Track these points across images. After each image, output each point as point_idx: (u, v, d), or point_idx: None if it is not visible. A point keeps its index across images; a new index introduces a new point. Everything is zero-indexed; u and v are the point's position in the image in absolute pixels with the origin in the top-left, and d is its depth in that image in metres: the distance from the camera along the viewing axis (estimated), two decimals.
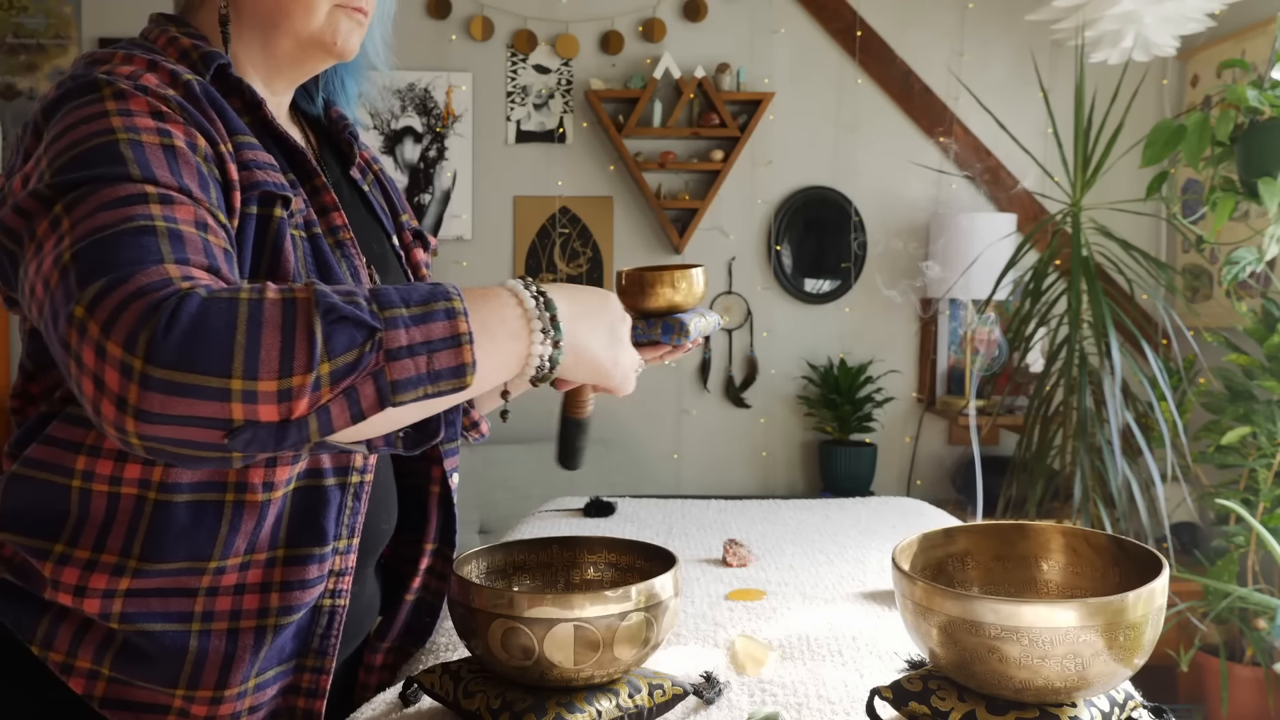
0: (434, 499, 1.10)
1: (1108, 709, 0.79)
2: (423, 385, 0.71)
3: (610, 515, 1.64)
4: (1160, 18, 2.64)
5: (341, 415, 0.69)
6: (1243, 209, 2.97)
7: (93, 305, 0.68)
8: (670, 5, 3.52)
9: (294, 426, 0.68)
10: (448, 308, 0.72)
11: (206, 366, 0.66)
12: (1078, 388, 2.75)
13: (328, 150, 1.08)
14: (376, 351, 0.69)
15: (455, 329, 0.72)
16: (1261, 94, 2.38)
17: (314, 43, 0.96)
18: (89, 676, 0.86)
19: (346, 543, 0.94)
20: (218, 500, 0.86)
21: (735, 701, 0.91)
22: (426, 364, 0.70)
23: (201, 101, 0.87)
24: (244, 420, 0.67)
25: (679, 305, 1.14)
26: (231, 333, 0.67)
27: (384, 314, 0.70)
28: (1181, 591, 2.75)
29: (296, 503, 0.90)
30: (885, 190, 3.60)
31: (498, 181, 3.54)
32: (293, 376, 0.67)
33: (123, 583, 0.85)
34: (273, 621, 0.89)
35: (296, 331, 0.67)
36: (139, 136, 0.79)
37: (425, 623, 1.12)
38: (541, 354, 0.78)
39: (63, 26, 3.42)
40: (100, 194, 0.75)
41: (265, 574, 0.89)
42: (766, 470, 3.63)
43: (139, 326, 0.66)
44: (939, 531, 0.90)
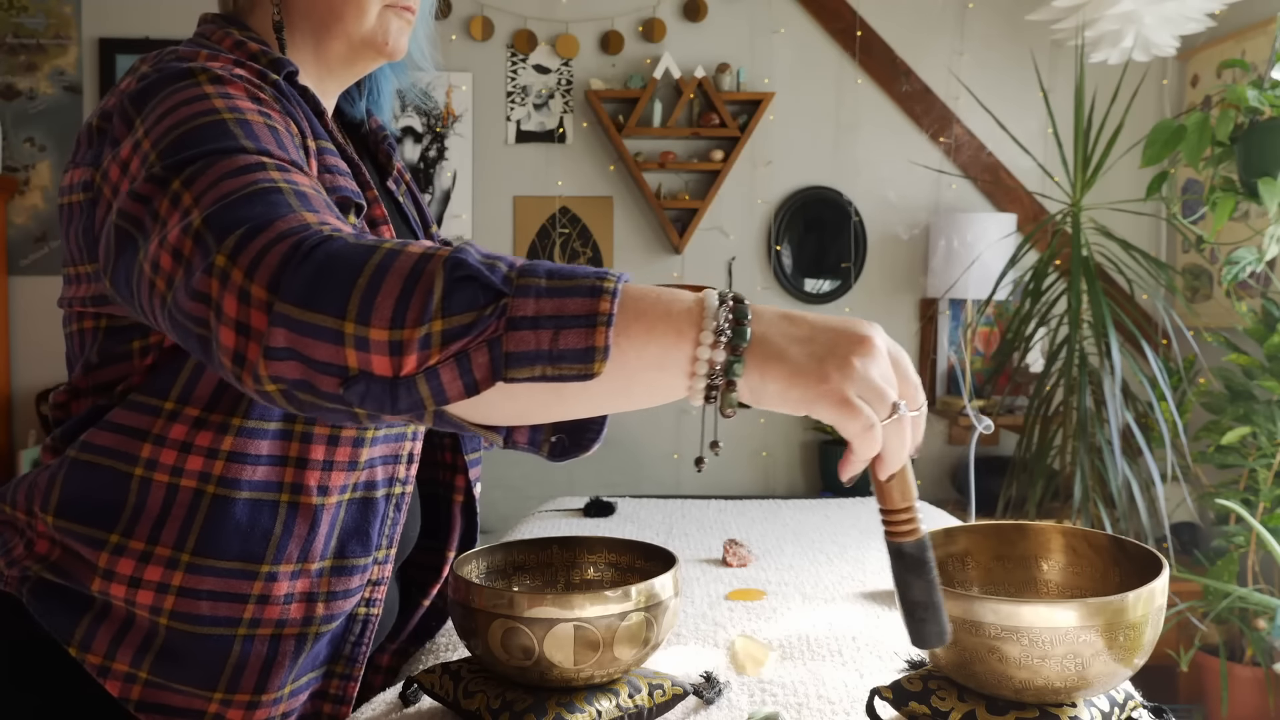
0: (457, 507, 1.10)
1: (1108, 709, 0.79)
2: (540, 364, 0.62)
3: (610, 515, 1.64)
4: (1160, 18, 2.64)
5: (454, 383, 0.62)
6: (1243, 209, 2.97)
7: (235, 252, 0.67)
8: (670, 5, 3.52)
9: (404, 387, 0.63)
10: (594, 285, 0.63)
11: (325, 305, 0.63)
12: (1078, 388, 2.75)
13: (366, 160, 1.09)
14: (498, 318, 0.62)
15: (593, 307, 0.62)
16: (1261, 94, 2.38)
17: (366, 44, 0.97)
18: (125, 679, 0.86)
19: (385, 552, 0.95)
20: (274, 500, 0.87)
21: (735, 701, 0.91)
22: (550, 340, 0.61)
23: (289, 100, 0.89)
24: (359, 370, 0.63)
25: None
26: (355, 275, 0.63)
27: (519, 280, 0.63)
28: (1181, 591, 2.75)
29: (350, 514, 0.91)
30: (885, 190, 3.60)
31: (498, 181, 3.54)
32: (404, 328, 0.62)
33: (176, 577, 0.85)
34: (314, 630, 0.90)
35: (419, 283, 0.63)
36: (244, 115, 0.80)
37: (432, 626, 1.13)
38: (711, 359, 0.63)
39: (63, 26, 3.42)
40: (218, 166, 0.74)
41: (314, 584, 0.90)
42: (766, 470, 3.63)
43: (281, 265, 0.65)
44: (939, 531, 0.90)
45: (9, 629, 0.88)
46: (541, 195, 3.54)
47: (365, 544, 0.92)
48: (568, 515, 1.65)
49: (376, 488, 0.93)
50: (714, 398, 0.64)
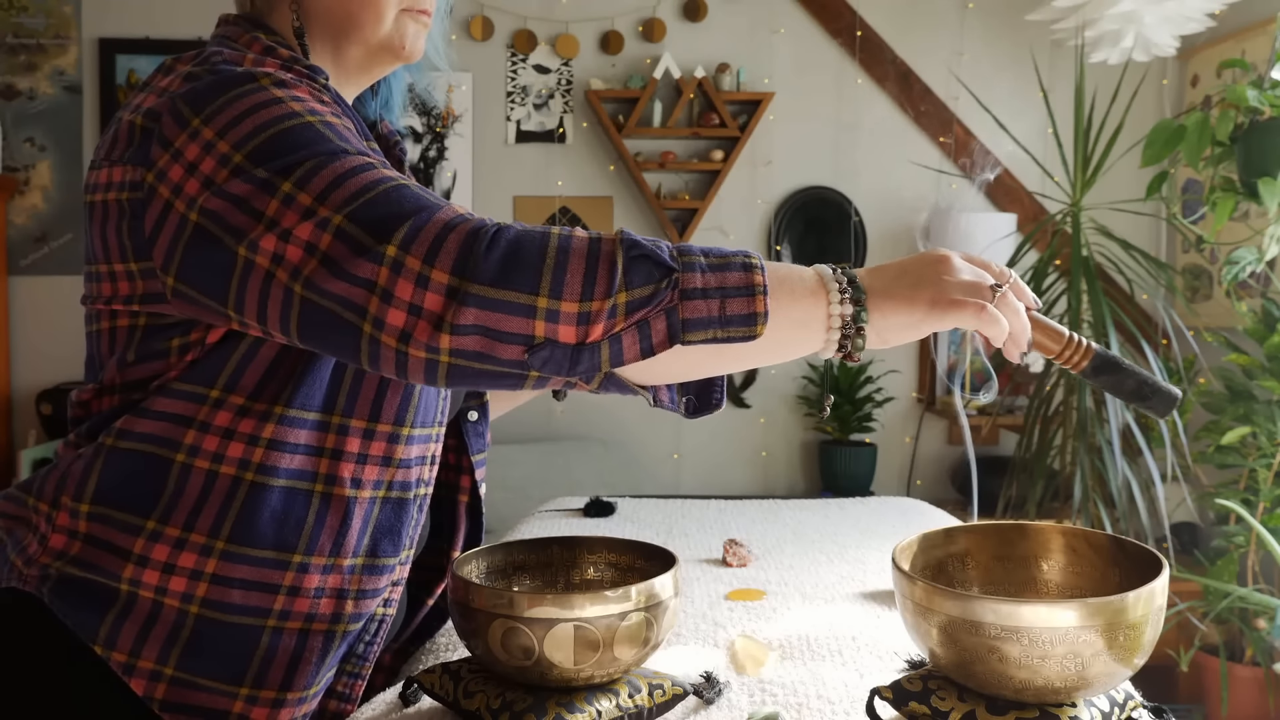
0: (463, 507, 1.12)
1: (1108, 709, 0.79)
2: (713, 328, 0.73)
3: (610, 515, 1.64)
4: (1160, 18, 2.64)
5: (633, 347, 0.73)
6: (1243, 209, 2.96)
7: (407, 242, 0.74)
8: (670, 5, 3.52)
9: (587, 351, 0.73)
10: (745, 262, 0.75)
11: (519, 284, 0.72)
12: (1077, 388, 2.75)
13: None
14: (672, 290, 0.73)
15: (750, 280, 0.74)
16: (1261, 94, 2.38)
17: (383, 48, 0.98)
18: (151, 677, 0.86)
19: (407, 553, 0.97)
20: (308, 490, 0.89)
21: (735, 701, 0.91)
22: (719, 308, 0.73)
23: (340, 104, 0.91)
24: (544, 338, 0.72)
25: None
26: (542, 257, 0.73)
27: (683, 259, 0.74)
28: (1181, 591, 2.75)
29: (385, 512, 0.93)
30: (885, 190, 3.60)
31: (498, 181, 3.54)
32: (592, 301, 0.72)
33: (210, 564, 0.86)
34: (342, 628, 0.91)
35: (600, 261, 0.73)
36: (325, 118, 0.83)
37: (432, 626, 1.13)
38: (843, 313, 0.76)
39: (63, 26, 3.42)
40: (330, 168, 0.79)
41: (345, 580, 0.91)
42: (766, 470, 3.63)
43: (464, 252, 0.73)
44: (939, 531, 0.90)
45: (30, 631, 0.87)
46: (541, 195, 3.54)
47: (396, 544, 0.94)
48: (568, 515, 1.65)
49: (410, 488, 0.95)
50: (845, 346, 0.77)
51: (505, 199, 3.54)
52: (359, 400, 0.91)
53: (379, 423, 0.92)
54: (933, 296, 0.77)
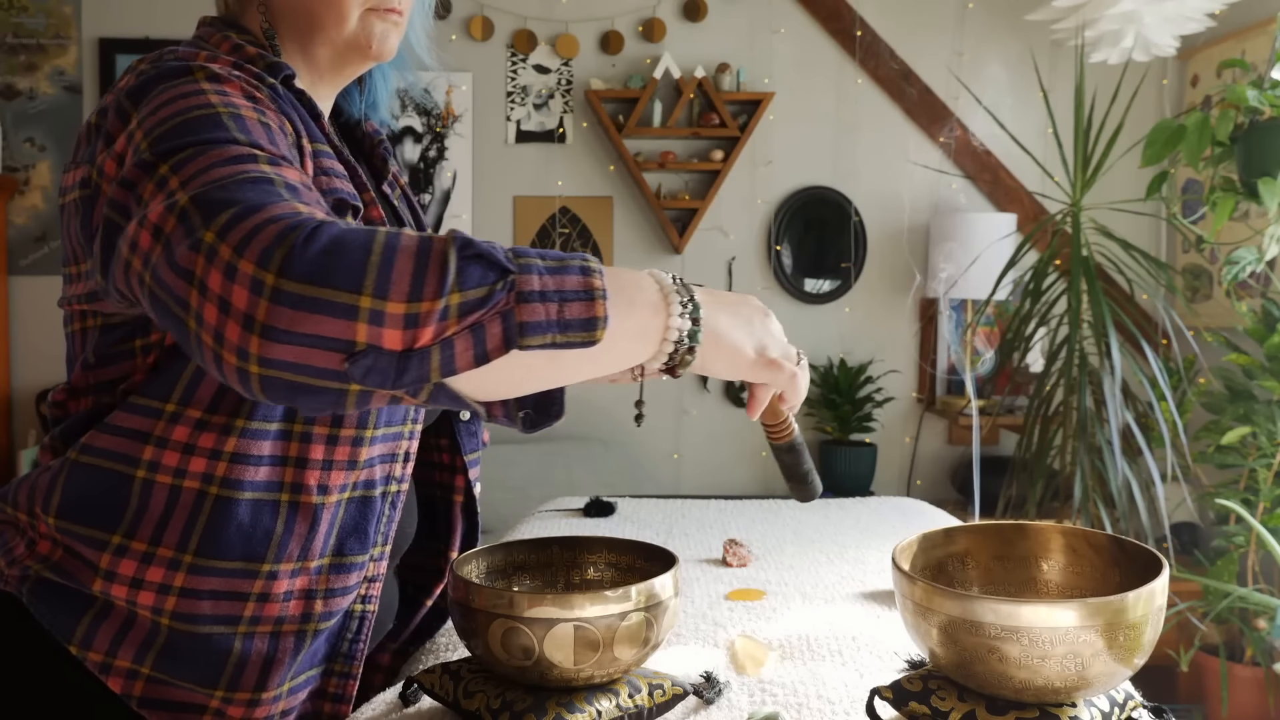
0: (458, 508, 1.11)
1: (1108, 709, 0.79)
2: (551, 332, 0.68)
3: (610, 515, 1.64)
4: (1160, 18, 2.64)
5: (465, 353, 0.67)
6: (1243, 209, 2.97)
7: (225, 230, 0.68)
8: (670, 5, 3.52)
9: (416, 358, 0.66)
10: (583, 265, 0.71)
11: (339, 281, 0.65)
12: (1078, 388, 2.75)
13: (362, 163, 1.09)
14: (508, 292, 0.67)
15: (589, 284, 0.70)
16: (1261, 94, 2.38)
17: (350, 47, 0.97)
18: (128, 676, 0.87)
19: (380, 550, 0.96)
20: (275, 500, 0.88)
21: (735, 701, 0.91)
22: (558, 311, 0.68)
23: (285, 103, 0.89)
24: (367, 343, 0.65)
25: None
26: (367, 253, 0.66)
27: (519, 260, 0.69)
28: (1181, 591, 2.75)
29: (349, 512, 0.93)
30: (885, 190, 3.60)
31: (498, 181, 3.54)
32: (422, 301, 0.65)
33: (178, 578, 0.86)
34: (313, 627, 0.91)
35: (431, 259, 0.66)
36: (238, 110, 0.81)
37: (432, 626, 1.13)
38: (680, 327, 0.73)
39: (63, 26, 3.42)
40: (209, 154, 0.76)
41: (312, 581, 0.91)
42: (766, 470, 3.63)
43: (275, 244, 0.66)
44: (939, 531, 0.90)
45: (9, 629, 0.88)
46: (541, 195, 3.54)
47: (363, 542, 0.93)
48: (568, 515, 1.65)
49: (375, 486, 0.94)
50: (673, 361, 0.75)
51: (505, 199, 3.54)
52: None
53: (342, 427, 0.90)
54: (759, 348, 0.79)
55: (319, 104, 1.01)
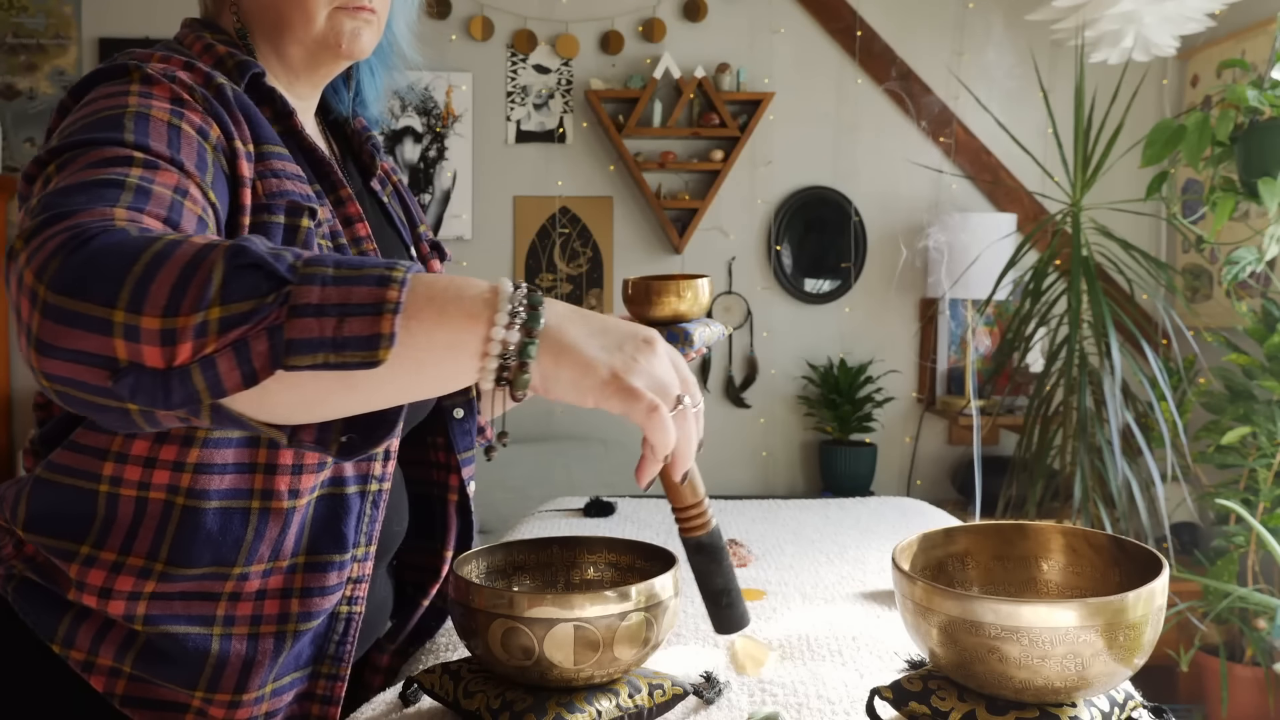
0: (452, 507, 1.10)
1: (1108, 709, 0.79)
2: (323, 351, 0.61)
3: (610, 515, 1.64)
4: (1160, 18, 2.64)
5: (231, 373, 0.61)
6: (1243, 209, 2.97)
7: (30, 236, 0.65)
8: (670, 5, 3.52)
9: (178, 377, 0.61)
10: (382, 274, 0.62)
11: (94, 294, 0.61)
12: (1078, 388, 2.75)
13: (350, 160, 1.08)
14: (280, 306, 0.61)
15: (381, 295, 0.61)
16: (1261, 94, 2.38)
17: (321, 46, 0.96)
18: (110, 674, 0.87)
19: (364, 550, 0.95)
20: (244, 508, 0.86)
21: (735, 701, 0.91)
22: (334, 327, 0.61)
23: (231, 104, 0.87)
24: (128, 360, 0.61)
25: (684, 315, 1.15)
26: (130, 263, 0.61)
27: (304, 269, 0.62)
28: (1181, 591, 2.75)
29: (319, 511, 0.91)
30: (885, 190, 3.60)
31: (498, 181, 3.54)
32: (178, 316, 0.60)
33: (148, 585, 0.85)
34: (292, 628, 0.90)
35: (197, 270, 0.61)
36: (147, 112, 0.80)
37: (431, 626, 1.13)
38: (505, 339, 0.64)
39: (63, 26, 3.42)
40: (89, 154, 0.74)
41: (287, 580, 0.90)
42: (766, 470, 3.63)
43: (52, 254, 0.62)
44: (939, 531, 0.90)
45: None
46: (541, 195, 3.54)
47: (339, 541, 0.91)
48: (568, 515, 1.65)
49: (346, 484, 0.92)
50: (505, 380, 0.65)
51: (505, 199, 3.54)
52: None
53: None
54: (616, 371, 0.66)
55: (299, 102, 1.01)
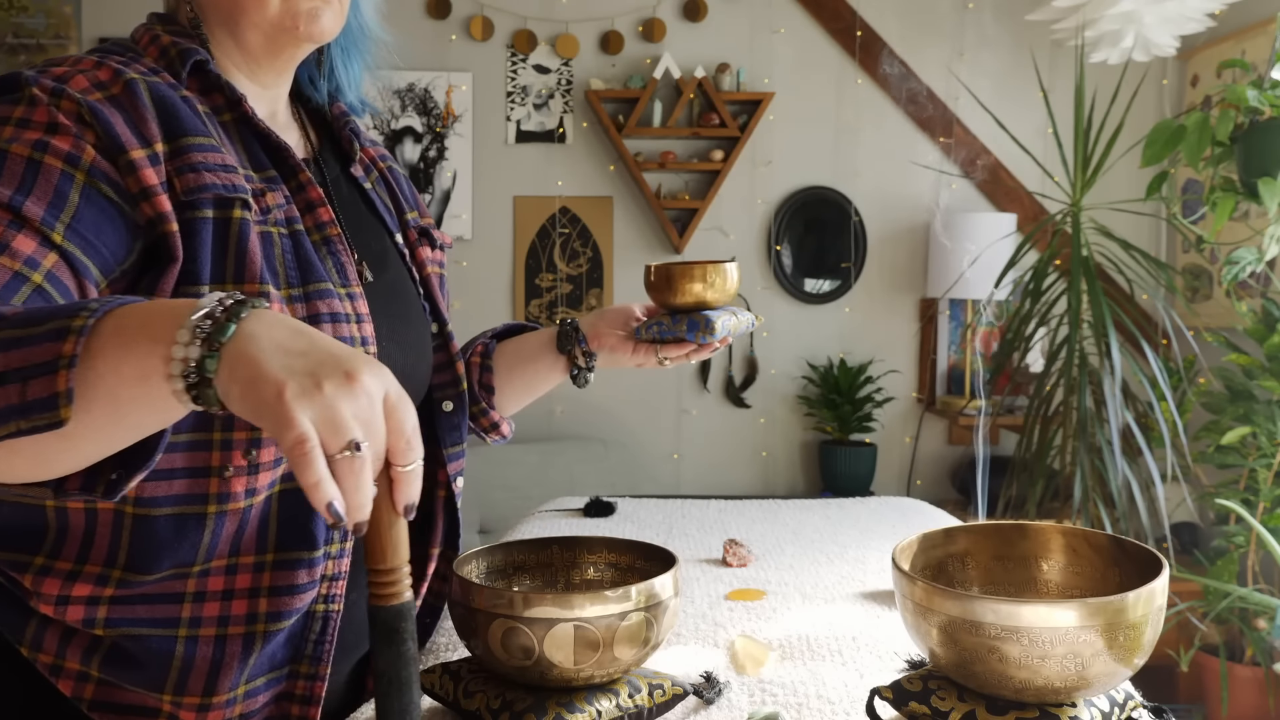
0: (440, 503, 1.08)
1: (1108, 709, 0.79)
2: (14, 419, 0.60)
3: (610, 515, 1.64)
4: (1160, 18, 2.64)
5: None
6: (1243, 209, 2.97)
7: None
8: (670, 5, 3.52)
9: None
10: (60, 327, 0.60)
11: None
12: (1078, 388, 2.75)
13: (328, 146, 1.06)
14: None
15: (56, 351, 0.59)
16: (1261, 94, 2.38)
17: (278, 30, 0.93)
18: (78, 678, 0.86)
19: (339, 546, 0.91)
20: (199, 513, 0.84)
21: (735, 701, 0.91)
22: (19, 393, 0.60)
23: (139, 101, 0.84)
24: None
25: (708, 301, 1.10)
26: None
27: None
28: (1181, 591, 2.75)
29: (284, 506, 0.88)
30: (885, 190, 3.60)
31: (498, 181, 3.54)
32: None
33: (107, 591, 0.84)
34: (262, 628, 0.87)
35: None
36: (6, 148, 0.77)
37: (426, 624, 1.11)
38: (186, 356, 0.60)
39: (63, 26, 3.42)
40: None
41: (254, 579, 0.87)
42: (766, 470, 3.63)
43: None
44: (939, 531, 0.90)
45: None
46: (541, 195, 3.54)
47: (307, 538, 0.88)
48: (568, 515, 1.65)
49: None
50: (197, 397, 0.61)
51: (505, 199, 3.54)
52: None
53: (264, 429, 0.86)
54: (283, 392, 0.58)
55: (263, 89, 0.98)
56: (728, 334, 1.11)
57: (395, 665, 0.64)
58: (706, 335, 1.09)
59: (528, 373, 1.21)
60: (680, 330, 1.10)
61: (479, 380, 1.19)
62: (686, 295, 1.09)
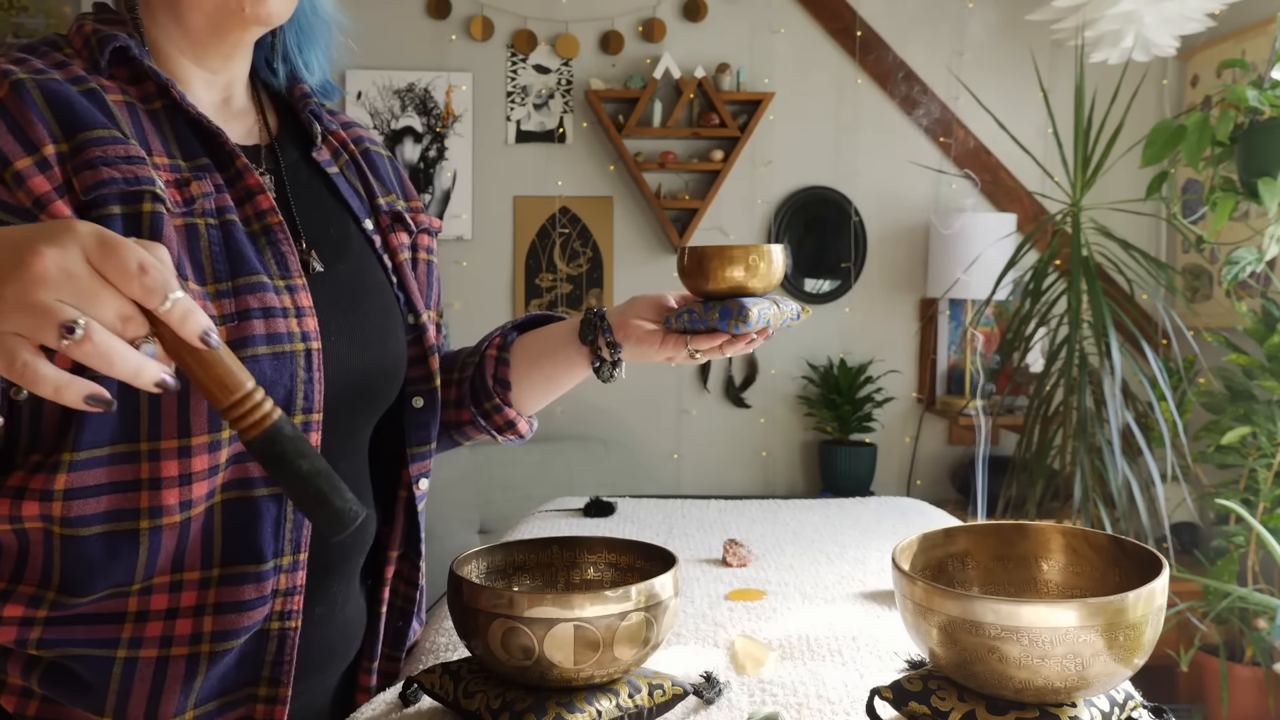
0: (400, 504, 1.03)
1: (1108, 709, 0.79)
2: None
3: (610, 515, 1.64)
4: (1160, 18, 2.64)
5: None
6: (1243, 209, 2.97)
7: None
8: (670, 5, 3.52)
9: None
10: None
11: None
12: (1078, 388, 2.75)
13: (290, 131, 1.01)
14: None
15: None
16: (1261, 94, 2.38)
17: (223, 14, 0.89)
18: (22, 694, 0.84)
19: (291, 559, 0.87)
20: (131, 529, 0.79)
21: (735, 701, 0.91)
22: None
23: (26, 104, 0.79)
24: None
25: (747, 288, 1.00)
26: None
27: None
28: (1181, 591, 2.75)
29: (227, 517, 0.84)
30: (885, 190, 3.60)
31: (498, 181, 3.54)
32: None
33: (40, 612, 0.80)
34: (207, 648, 0.83)
35: None
36: None
37: (399, 628, 1.07)
38: None
39: (62, 26, 3.41)
40: None
41: (199, 596, 0.83)
42: (766, 470, 3.63)
43: None
44: (939, 531, 0.90)
45: None
46: (541, 195, 3.54)
47: (255, 551, 0.84)
48: (568, 515, 1.65)
49: (253, 486, 0.85)
50: None
51: (505, 199, 3.54)
52: (163, 419, 0.79)
53: (193, 436, 0.80)
54: None
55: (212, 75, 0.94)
56: (766, 324, 1.00)
57: (299, 487, 0.62)
58: (740, 324, 0.98)
59: (548, 366, 1.12)
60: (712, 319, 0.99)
61: (494, 374, 1.12)
62: (722, 281, 0.98)
